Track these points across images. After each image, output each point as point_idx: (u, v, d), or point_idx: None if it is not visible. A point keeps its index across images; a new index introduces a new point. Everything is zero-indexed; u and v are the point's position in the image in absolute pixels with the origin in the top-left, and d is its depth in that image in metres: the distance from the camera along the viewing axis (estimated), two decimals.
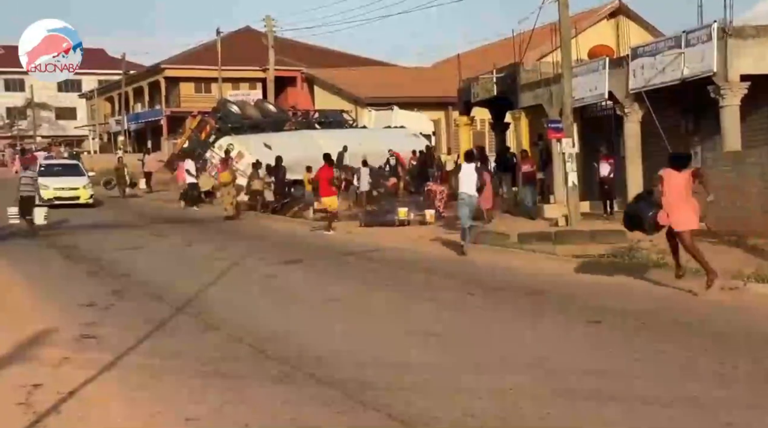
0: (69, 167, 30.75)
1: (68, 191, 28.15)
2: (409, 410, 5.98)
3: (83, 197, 28.29)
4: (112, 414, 6.25)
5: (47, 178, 27.64)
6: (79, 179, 29.15)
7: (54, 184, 27.85)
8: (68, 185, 28.34)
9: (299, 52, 53.06)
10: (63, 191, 27.96)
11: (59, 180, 28.37)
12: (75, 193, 28.22)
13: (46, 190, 26.77)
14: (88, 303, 10.71)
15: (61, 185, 28.04)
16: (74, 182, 28.60)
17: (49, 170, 29.43)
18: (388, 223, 20.90)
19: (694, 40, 17.90)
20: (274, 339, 8.57)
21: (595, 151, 21.34)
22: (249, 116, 32.80)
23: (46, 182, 27.05)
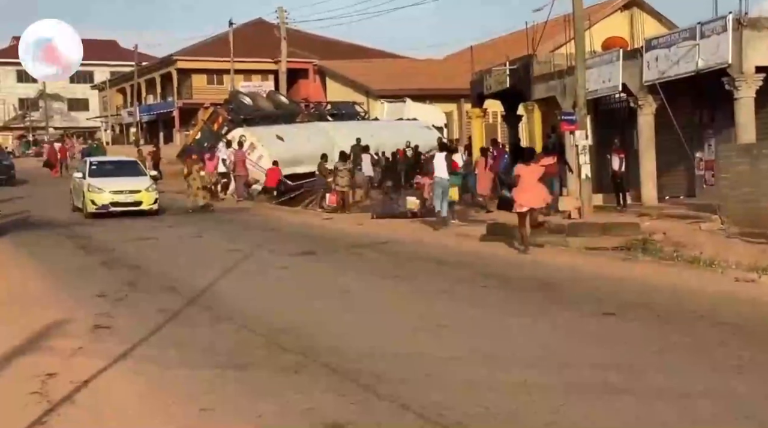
0: (125, 166, 24.95)
1: (128, 195, 22.30)
2: (423, 401, 5.96)
3: (146, 202, 22.41)
4: (126, 404, 6.26)
5: (100, 179, 22.64)
6: (140, 180, 23.15)
7: (110, 186, 22.32)
8: (128, 187, 22.51)
9: (311, 43, 53.02)
10: (122, 196, 22.21)
11: (116, 182, 22.64)
12: (136, 197, 22.39)
13: (100, 194, 22.02)
14: (101, 294, 10.75)
15: (118, 188, 22.31)
16: (134, 184, 22.75)
17: (102, 169, 23.76)
18: (399, 215, 20.92)
19: (709, 31, 17.78)
20: (287, 329, 8.56)
21: (608, 143, 21.23)
22: (261, 107, 32.80)
23: (100, 184, 22.30)
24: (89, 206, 21.98)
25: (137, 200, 22.31)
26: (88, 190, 22.12)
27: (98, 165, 24.06)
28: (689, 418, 5.56)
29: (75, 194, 23.80)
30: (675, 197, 21.09)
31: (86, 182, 22.39)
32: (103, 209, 21.85)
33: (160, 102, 59.83)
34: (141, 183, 22.87)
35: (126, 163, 25.48)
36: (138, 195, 22.36)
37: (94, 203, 21.89)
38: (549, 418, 5.60)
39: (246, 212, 24.06)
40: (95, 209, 21.85)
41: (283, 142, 28.13)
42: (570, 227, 16.36)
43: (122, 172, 23.61)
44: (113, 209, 21.86)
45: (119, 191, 22.25)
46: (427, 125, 32.53)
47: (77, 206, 23.34)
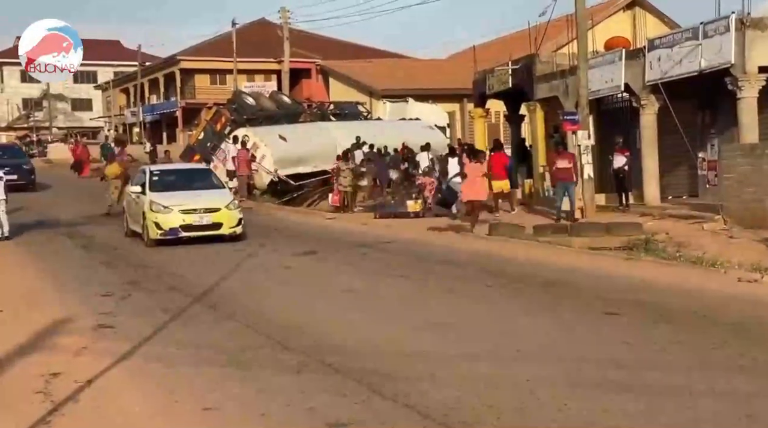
0: (196, 175, 18.96)
1: (203, 215, 16.32)
2: (427, 400, 5.98)
3: (227, 224, 16.40)
4: (130, 403, 6.29)
5: (165, 194, 16.69)
6: (217, 195, 17.19)
7: (179, 204, 16.29)
8: (202, 204, 16.48)
9: (314, 43, 53.00)
10: (195, 216, 16.26)
11: (186, 197, 16.67)
12: (214, 218, 16.37)
13: (167, 215, 16.11)
14: (105, 293, 10.79)
15: (191, 205, 16.33)
16: (211, 200, 16.70)
17: (166, 180, 17.75)
18: (402, 215, 20.96)
19: (712, 31, 17.76)
20: (290, 329, 8.59)
21: (610, 143, 21.21)
22: (264, 107, 32.76)
23: (166, 201, 16.32)
24: (152, 231, 15.93)
25: (216, 221, 16.24)
26: (151, 209, 16.09)
27: (161, 175, 17.82)
28: (692, 417, 5.58)
29: (130, 214, 17.55)
30: (678, 197, 21.07)
31: (147, 199, 16.36)
32: (171, 234, 15.89)
33: (164, 102, 59.85)
34: (219, 198, 16.77)
35: (196, 172, 19.86)
36: (216, 215, 16.28)
37: (158, 227, 15.90)
38: (554, 416, 5.62)
39: (249, 211, 24.05)
40: (160, 234, 15.87)
41: (286, 142, 28.10)
42: (573, 226, 16.38)
43: (192, 183, 17.68)
44: (184, 235, 15.94)
45: (191, 209, 16.16)
46: (430, 124, 32.50)
47: (134, 229, 17.28)
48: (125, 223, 17.98)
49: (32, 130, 70.98)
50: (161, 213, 16.04)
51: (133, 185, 17.94)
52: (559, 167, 18.60)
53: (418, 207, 21.16)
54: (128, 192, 18.26)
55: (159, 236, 15.90)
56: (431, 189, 21.84)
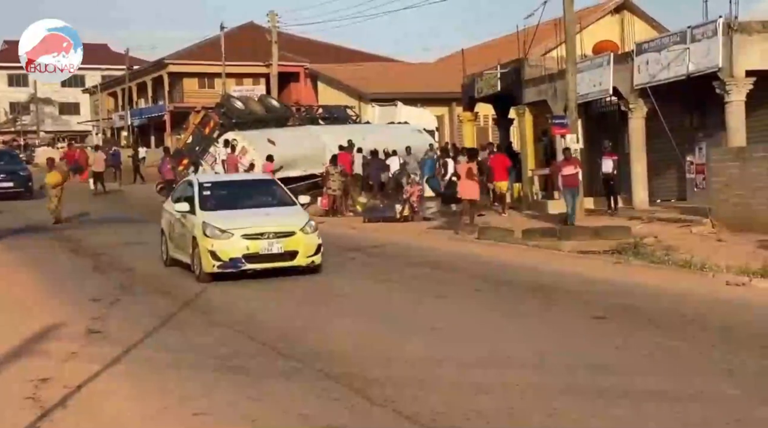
0: (258, 187, 14.76)
1: (274, 241, 12.42)
2: (416, 406, 5.98)
3: (304, 252, 12.54)
4: (119, 409, 6.27)
5: (221, 214, 12.80)
6: (289, 214, 13.27)
7: (241, 226, 12.45)
8: (272, 226, 12.59)
9: (303, 47, 53.00)
10: (263, 243, 12.37)
11: (249, 217, 12.82)
12: (288, 244, 12.46)
13: (227, 241, 12.22)
14: (94, 298, 10.76)
15: (257, 229, 12.46)
16: (282, 221, 12.87)
17: (221, 194, 13.74)
18: (390, 219, 21.00)
19: (700, 35, 17.86)
20: (281, 334, 8.58)
21: (599, 147, 21.29)
22: (252, 111, 32.69)
23: (224, 223, 12.44)
24: (207, 263, 12.04)
25: (290, 248, 12.28)
26: (205, 234, 12.16)
27: (214, 188, 13.67)
28: (680, 421, 5.60)
29: (172, 237, 13.73)
30: (666, 200, 21.16)
31: (198, 220, 12.48)
32: (232, 266, 12.05)
33: (152, 106, 59.69)
34: (292, 219, 12.85)
35: (259, 184, 15.10)
36: (290, 241, 12.31)
37: (215, 257, 12.00)
38: (543, 421, 5.63)
39: None
40: (217, 267, 12.02)
41: (275, 146, 28.05)
42: (561, 230, 16.41)
43: (255, 199, 13.74)
44: (248, 267, 12.10)
45: (258, 234, 12.23)
46: (419, 128, 32.53)
47: (177, 258, 13.45)
48: (163, 248, 14.03)
49: (19, 134, 70.66)
50: (218, 239, 12.00)
51: (174, 201, 13.83)
52: (566, 174, 18.56)
53: (406, 212, 21.24)
54: (168, 210, 14.09)
55: (216, 268, 11.92)
56: (417, 196, 21.91)
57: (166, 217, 14.22)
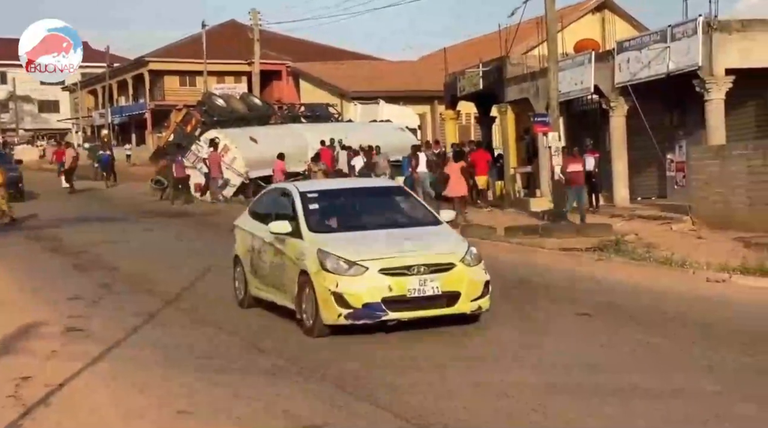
0: (381, 199, 10.35)
1: (426, 277, 8.23)
2: (402, 402, 5.99)
3: (468, 293, 8.44)
4: (101, 407, 6.24)
5: (338, 236, 8.92)
6: (437, 236, 9.13)
7: (380, 256, 8.34)
8: (420, 256, 8.38)
9: (285, 45, 52.87)
10: (413, 281, 8.20)
11: (382, 242, 8.72)
12: (446, 282, 8.32)
13: (358, 279, 8.17)
14: (76, 296, 10.68)
15: (402, 260, 8.31)
16: (431, 248, 8.66)
17: (332, 209, 9.63)
18: None
19: (680, 34, 17.98)
20: (265, 332, 8.58)
21: (581, 145, 21.38)
22: (234, 109, 32.65)
23: (348, 251, 8.38)
24: (330, 310, 8.22)
25: (449, 288, 8.44)
26: (325, 266, 8.35)
27: (325, 200, 9.72)
28: (661, 417, 5.64)
29: (258, 268, 9.79)
30: (646, 198, 21.30)
31: (310, 246, 8.68)
32: (367, 315, 8.19)
33: (132, 104, 59.35)
34: (445, 244, 8.98)
35: (382, 192, 10.83)
36: (449, 277, 8.46)
37: (342, 303, 8.18)
38: (530, 418, 5.65)
39: (220, 214, 23.92)
40: (346, 315, 8.17)
41: (257, 144, 28.02)
42: (544, 228, 16.49)
43: (380, 214, 9.79)
44: (393, 316, 8.26)
45: (403, 267, 8.35)
46: (401, 126, 32.58)
47: (265, 298, 9.67)
48: (240, 282, 10.09)
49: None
50: (345, 275, 8.14)
51: (255, 217, 10.10)
52: (571, 171, 18.37)
53: None
54: (246, 229, 10.12)
55: (344, 319, 8.04)
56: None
57: (243, 239, 10.15)
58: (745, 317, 8.78)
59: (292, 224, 8.93)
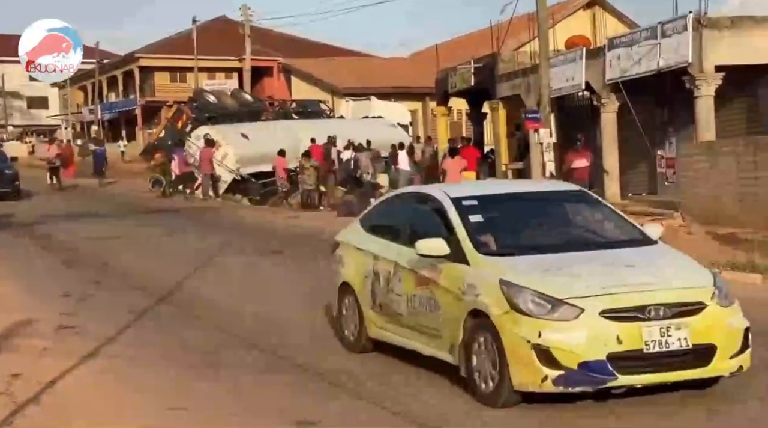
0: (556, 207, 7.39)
1: (669, 323, 5.56)
2: (396, 398, 6.01)
3: (726, 348, 5.68)
4: (93, 404, 6.23)
5: (523, 260, 6.14)
6: (664, 260, 6.35)
7: (597, 291, 5.64)
8: (657, 292, 5.69)
9: (276, 41, 52.76)
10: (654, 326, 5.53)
11: (588, 268, 5.96)
12: (696, 332, 5.61)
13: (572, 323, 5.53)
14: (67, 294, 10.64)
15: (638, 300, 5.61)
16: (665, 279, 5.89)
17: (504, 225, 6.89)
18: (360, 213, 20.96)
19: (670, 30, 18.03)
20: (258, 329, 8.57)
21: (572, 141, 21.44)
22: (225, 105, 32.60)
23: (554, 285, 5.70)
24: (531, 369, 5.54)
25: (699, 340, 5.63)
26: (517, 305, 5.69)
27: (485, 206, 6.86)
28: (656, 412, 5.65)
29: (386, 302, 7.06)
30: (637, 194, 21.36)
31: (484, 275, 6.02)
32: (588, 379, 5.51)
33: (123, 100, 59.15)
34: (680, 275, 6.08)
35: (559, 196, 7.79)
36: (697, 322, 5.67)
37: (551, 361, 5.50)
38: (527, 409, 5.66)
39: (213, 210, 23.91)
40: (556, 379, 5.50)
41: (248, 140, 27.98)
42: None
43: (564, 229, 7.18)
44: (624, 381, 5.58)
45: (636, 309, 5.61)
46: (393, 123, 32.59)
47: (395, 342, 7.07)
48: (350, 318, 7.63)
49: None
50: (552, 320, 5.66)
51: (393, 234, 7.30)
52: (576, 167, 17.89)
53: None
54: (360, 247, 7.65)
55: (553, 384, 5.57)
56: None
57: (356, 261, 7.54)
58: None
59: (451, 242, 6.35)
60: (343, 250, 7.91)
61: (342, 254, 7.87)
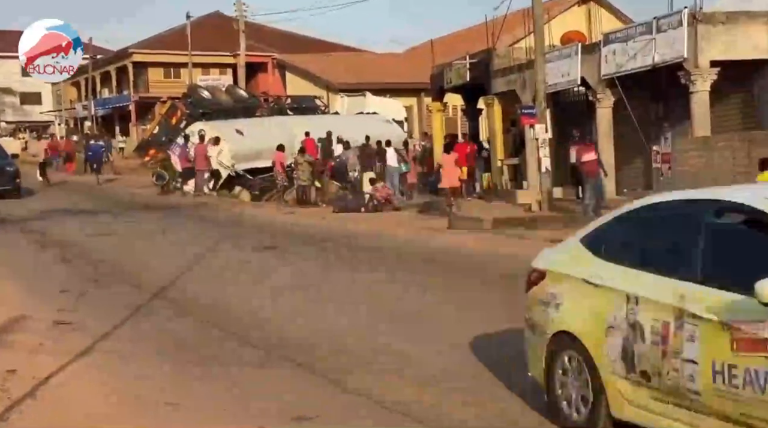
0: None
1: None
2: (390, 393, 5.99)
3: None
4: (89, 399, 6.19)
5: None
6: None
7: None
8: None
9: (271, 37, 52.64)
10: None
11: None
12: None
13: None
14: (62, 290, 10.60)
15: None
16: None
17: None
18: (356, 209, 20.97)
19: (665, 26, 18.03)
20: (252, 324, 8.54)
21: (567, 137, 21.44)
22: (220, 101, 32.51)
23: None
24: None
25: None
26: None
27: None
28: None
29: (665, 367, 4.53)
30: (633, 190, 21.36)
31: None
32: None
33: (116, 96, 58.96)
34: None
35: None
36: None
37: None
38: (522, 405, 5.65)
39: (207, 206, 23.85)
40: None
41: (243, 136, 27.91)
42: (530, 220, 16.51)
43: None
44: None
45: None
46: (387, 118, 32.54)
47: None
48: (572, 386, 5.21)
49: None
50: None
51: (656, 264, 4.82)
52: (586, 160, 17.75)
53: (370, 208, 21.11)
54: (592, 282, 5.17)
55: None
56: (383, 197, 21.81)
57: (587, 301, 5.21)
58: None
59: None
60: (557, 284, 5.50)
61: (556, 291, 5.47)
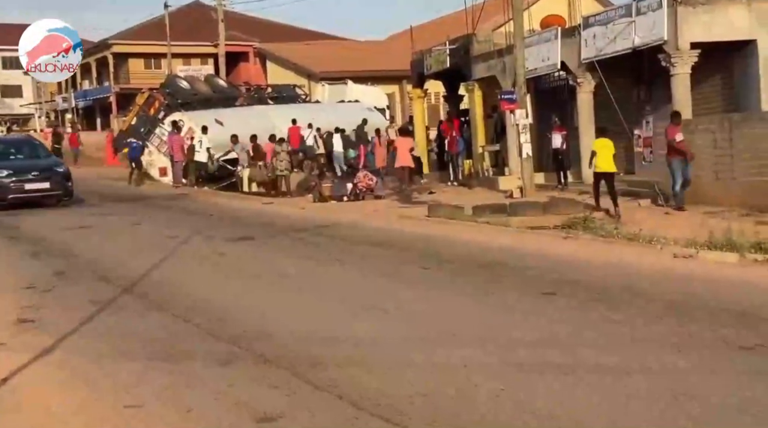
0: None
1: None
2: (360, 389, 5.78)
3: None
4: (47, 402, 5.96)
5: None
6: None
7: None
8: None
9: (251, 26, 52.27)
10: None
11: None
12: None
13: None
14: (28, 285, 10.34)
15: None
16: None
17: None
18: (337, 198, 20.79)
19: (645, 8, 17.87)
20: (223, 318, 8.31)
21: (548, 122, 21.28)
22: (199, 91, 32.15)
23: None
24: None
25: None
26: None
27: None
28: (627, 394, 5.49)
29: None
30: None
31: None
32: None
33: (97, 87, 58.43)
34: None
35: None
36: None
37: None
38: (491, 401, 5.48)
39: (184, 198, 23.58)
40: None
41: (223, 126, 27.61)
42: (511, 206, 16.35)
43: None
44: None
45: None
46: (369, 106, 32.30)
47: None
48: None
49: None
50: None
51: None
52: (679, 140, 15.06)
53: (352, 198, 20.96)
54: None
55: None
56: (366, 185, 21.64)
57: None
58: (713, 293, 8.68)
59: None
60: None
61: None
